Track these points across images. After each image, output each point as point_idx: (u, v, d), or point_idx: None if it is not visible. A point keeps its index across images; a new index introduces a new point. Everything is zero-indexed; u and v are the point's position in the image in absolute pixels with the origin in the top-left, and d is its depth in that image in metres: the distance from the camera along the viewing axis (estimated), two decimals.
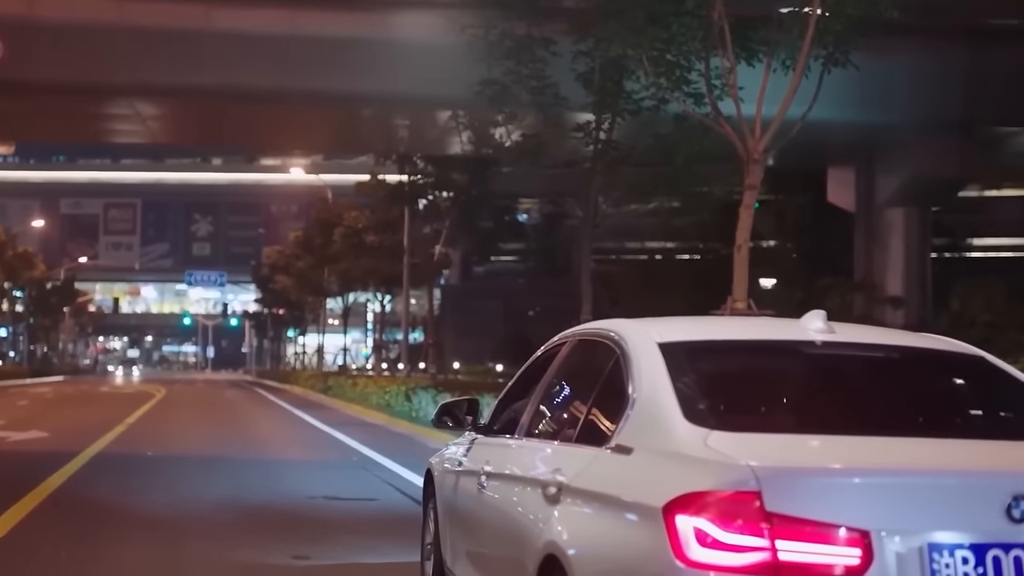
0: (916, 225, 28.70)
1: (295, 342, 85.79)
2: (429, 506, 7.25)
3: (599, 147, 19.25)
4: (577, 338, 5.45)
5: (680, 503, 3.67)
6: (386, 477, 15.06)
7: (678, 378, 4.28)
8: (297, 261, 58.34)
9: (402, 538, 9.78)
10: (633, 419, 4.30)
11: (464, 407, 6.54)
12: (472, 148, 25.39)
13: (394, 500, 12.79)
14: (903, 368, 4.66)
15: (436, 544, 6.90)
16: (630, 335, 4.73)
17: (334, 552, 9.24)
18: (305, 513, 11.48)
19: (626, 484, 4.06)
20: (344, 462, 17.31)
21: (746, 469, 3.62)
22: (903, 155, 27.30)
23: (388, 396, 29.32)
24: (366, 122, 29.16)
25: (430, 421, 23.35)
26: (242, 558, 8.87)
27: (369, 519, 11.32)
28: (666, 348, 4.50)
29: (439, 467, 7.02)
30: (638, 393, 4.36)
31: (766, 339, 4.73)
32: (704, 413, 4.08)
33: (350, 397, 35.54)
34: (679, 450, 3.93)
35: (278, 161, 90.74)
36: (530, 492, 4.86)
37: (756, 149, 13.63)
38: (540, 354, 6.03)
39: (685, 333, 4.77)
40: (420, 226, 37.83)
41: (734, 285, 13.60)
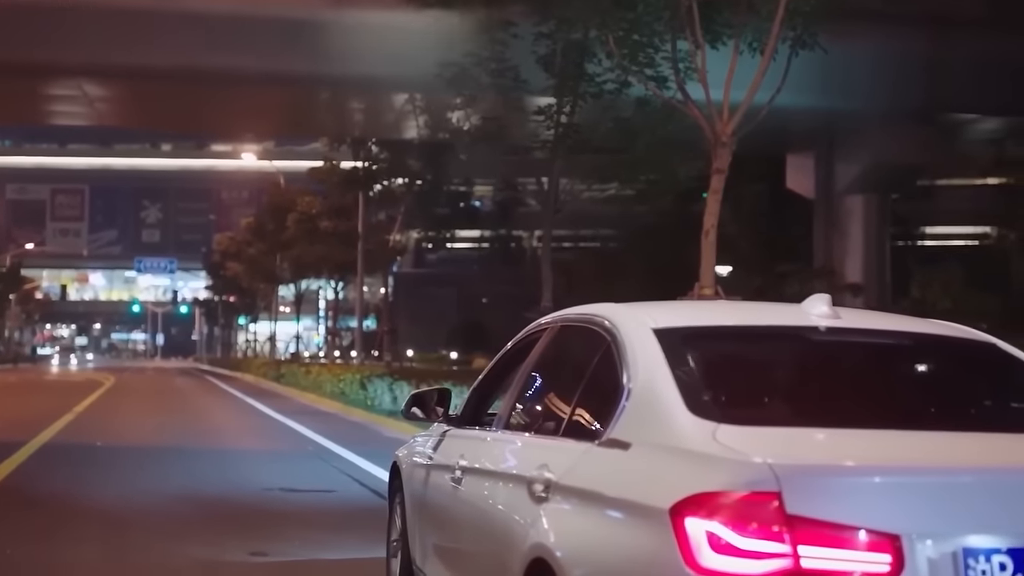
0: (875, 212, 28.61)
1: (246, 330, 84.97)
2: (396, 501, 6.89)
3: (560, 131, 18.91)
4: (560, 324, 5.10)
5: (690, 504, 3.33)
6: (343, 467, 14.70)
7: (677, 367, 3.95)
8: (249, 248, 57.64)
9: (363, 532, 9.44)
10: (629, 411, 3.96)
11: (434, 397, 6.18)
12: (429, 132, 24.98)
13: (352, 491, 12.42)
14: (914, 355, 4.35)
15: (404, 541, 6.55)
16: (622, 320, 4.39)
17: (293, 547, 8.87)
18: (261, 506, 11.08)
19: (625, 482, 3.72)
20: (300, 452, 16.91)
21: (763, 467, 3.29)
22: (863, 142, 27.16)
23: (342, 384, 28.98)
24: (321, 105, 28.64)
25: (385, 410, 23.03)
26: (197, 555, 8.48)
27: (328, 512, 10.94)
28: (662, 334, 4.16)
29: (407, 460, 6.66)
30: (634, 383, 4.02)
31: (768, 325, 4.40)
32: (709, 405, 3.75)
33: (303, 385, 35.12)
34: (684, 445, 3.59)
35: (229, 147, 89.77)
36: (513, 489, 4.52)
37: (724, 132, 13.35)
38: (518, 341, 5.68)
39: (680, 318, 4.44)
40: (375, 212, 37.34)
41: (701, 271, 13.32)
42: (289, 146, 78.14)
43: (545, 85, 18.90)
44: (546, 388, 5.05)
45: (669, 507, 3.38)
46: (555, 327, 5.14)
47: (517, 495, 4.44)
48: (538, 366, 5.11)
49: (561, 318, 5.15)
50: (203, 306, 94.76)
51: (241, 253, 60.29)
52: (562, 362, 5.05)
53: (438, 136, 25.21)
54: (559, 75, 18.73)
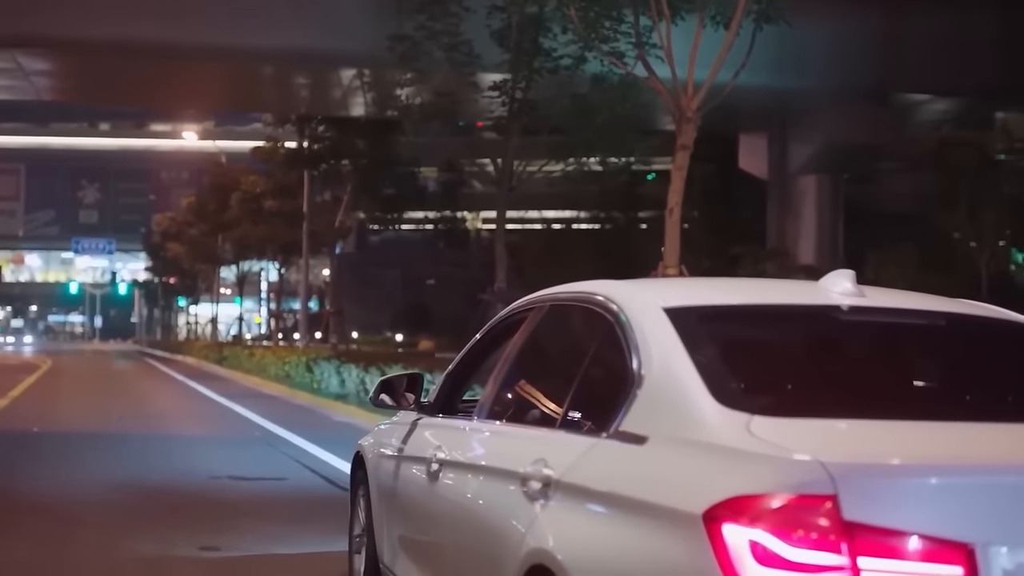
0: (829, 193, 28.40)
1: (187, 312, 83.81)
2: (359, 493, 6.43)
3: (515, 107, 18.41)
4: (550, 303, 4.64)
5: (729, 508, 2.90)
6: (293, 454, 14.19)
7: (695, 350, 3.51)
8: (190, 228, 56.60)
9: (319, 523, 8.98)
10: (643, 401, 3.52)
11: (404, 383, 5.71)
12: (377, 110, 24.38)
13: (304, 479, 11.94)
14: (952, 338, 3.93)
15: (369, 537, 6.09)
16: (627, 299, 3.94)
17: (246, 541, 8.36)
18: (210, 496, 10.56)
19: (644, 482, 3.28)
20: (247, 437, 16.37)
21: (815, 465, 2.86)
22: (817, 122, 26.92)
23: (288, 367, 28.39)
24: (264, 80, 27.90)
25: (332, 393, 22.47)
26: (144, 550, 7.95)
27: (280, 502, 10.45)
28: (674, 314, 3.71)
29: (372, 450, 6.19)
30: (647, 369, 3.57)
31: (791, 304, 3.97)
32: (737, 393, 3.31)
33: (247, 368, 34.49)
34: (714, 440, 3.15)
35: (168, 127, 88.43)
36: (503, 486, 4.06)
37: (689, 107, 12.95)
38: (497, 323, 5.22)
39: (691, 297, 3.99)
40: (321, 192, 36.62)
41: (666, 250, 12.94)
42: (230, 126, 77.05)
43: (500, 60, 18.40)
44: (537, 374, 4.61)
45: (703, 512, 2.94)
46: (542, 307, 4.69)
47: (508, 493, 3.99)
48: (526, 350, 4.65)
49: (550, 297, 4.69)
50: (143, 288, 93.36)
51: (182, 234, 59.24)
52: (554, 346, 4.60)
53: (386, 114, 24.54)
54: (514, 50, 18.23)
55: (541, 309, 4.69)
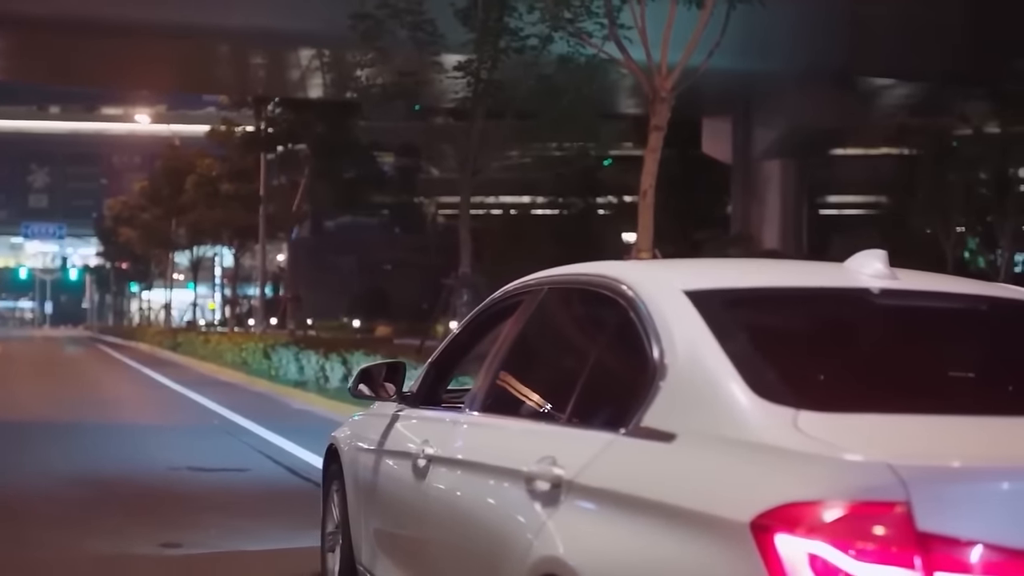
0: (793, 178, 28.23)
1: (139, 297, 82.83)
2: (333, 488, 6.05)
3: (480, 88, 17.99)
4: (548, 287, 4.27)
5: (783, 517, 2.56)
6: (254, 443, 13.76)
7: (725, 338, 3.16)
8: (143, 213, 55.77)
9: (285, 517, 8.61)
10: (667, 394, 3.17)
11: (383, 372, 5.34)
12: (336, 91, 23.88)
13: (267, 470, 11.52)
14: (997, 324, 3.61)
15: (345, 536, 5.71)
16: (643, 282, 3.59)
17: (209, 537, 7.95)
18: (169, 488, 10.13)
19: (674, 484, 2.93)
20: (205, 426, 15.92)
21: (882, 468, 2.52)
22: (782, 106, 26.73)
23: (244, 353, 27.91)
24: (222, 59, 27.32)
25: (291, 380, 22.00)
26: (101, 548, 7.52)
27: (243, 494, 10.04)
28: (697, 298, 3.36)
29: (348, 443, 5.81)
30: (671, 359, 3.22)
31: (822, 287, 3.62)
32: (778, 385, 2.96)
33: (202, 354, 33.97)
34: (757, 438, 2.81)
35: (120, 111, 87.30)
36: (504, 486, 3.70)
37: (663, 87, 12.61)
38: (486, 309, 4.85)
39: (713, 279, 3.64)
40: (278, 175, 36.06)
41: (638, 234, 12.62)
42: (183, 110, 76.14)
43: (464, 40, 17.98)
44: (537, 364, 4.25)
45: (751, 520, 2.60)
46: (538, 291, 4.32)
47: (510, 493, 3.63)
48: (523, 338, 4.29)
49: (548, 280, 4.32)
50: (94, 273, 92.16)
51: (135, 218, 58.39)
52: (556, 333, 4.24)
53: (346, 95, 24.04)
54: (479, 29, 17.81)
55: (537, 293, 4.32)
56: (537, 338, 4.29)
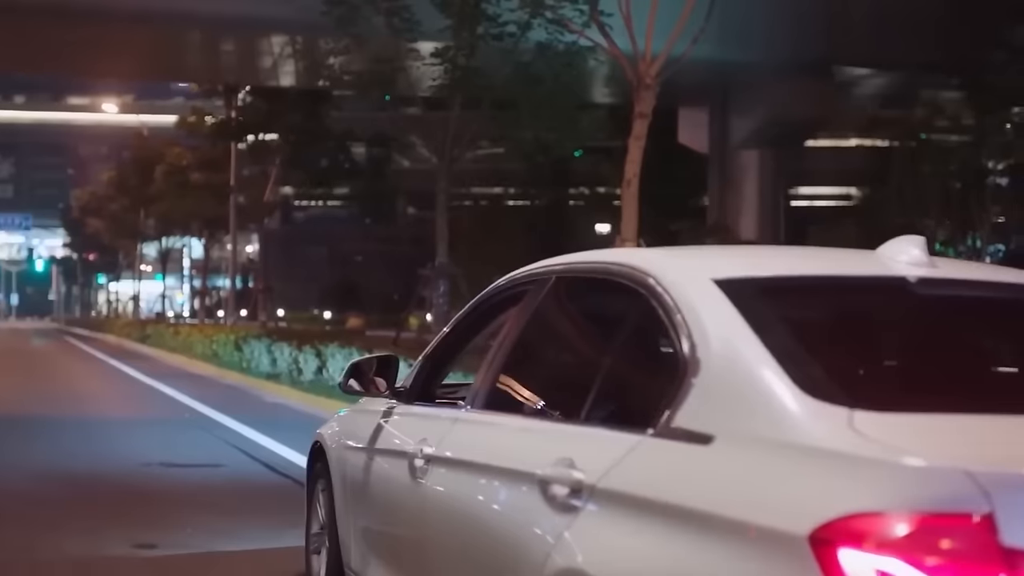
0: (770, 168, 28.04)
1: (107, 289, 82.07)
2: (318, 488, 5.77)
3: (458, 75, 17.66)
4: (558, 275, 3.99)
5: (847, 530, 2.29)
6: (228, 437, 13.45)
7: (763, 330, 2.90)
8: (111, 203, 55.12)
9: (263, 515, 8.32)
10: (701, 391, 2.90)
11: (373, 366, 5.06)
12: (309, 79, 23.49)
13: (243, 466, 11.21)
14: None
15: (332, 538, 5.44)
16: (668, 271, 3.31)
17: (185, 537, 7.64)
18: (141, 485, 9.81)
19: (715, 491, 2.67)
20: (176, 420, 15.57)
21: (960, 476, 2.26)
22: (759, 95, 26.52)
23: (215, 345, 27.54)
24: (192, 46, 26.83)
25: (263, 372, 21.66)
26: (72, 549, 7.20)
27: (219, 491, 9.72)
28: (729, 287, 3.10)
29: (335, 441, 5.53)
30: (704, 353, 2.95)
31: (860, 275, 3.35)
32: (827, 382, 2.70)
33: (172, 346, 33.56)
34: (809, 440, 2.55)
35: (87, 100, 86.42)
36: (516, 491, 3.43)
37: (648, 73, 12.35)
38: (490, 297, 4.56)
39: (742, 267, 3.37)
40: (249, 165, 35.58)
41: (623, 223, 12.38)
42: (151, 100, 75.42)
43: (442, 26, 17.65)
44: (547, 359, 3.98)
45: (810, 532, 2.34)
46: (545, 280, 4.03)
47: (522, 498, 3.36)
48: (530, 331, 4.01)
49: (556, 269, 4.04)
50: (61, 264, 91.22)
51: (103, 209, 57.72)
52: (569, 326, 3.97)
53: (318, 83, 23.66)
54: (456, 15, 17.49)
55: (544, 283, 4.04)
56: (546, 331, 4.02)
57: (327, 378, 18.57)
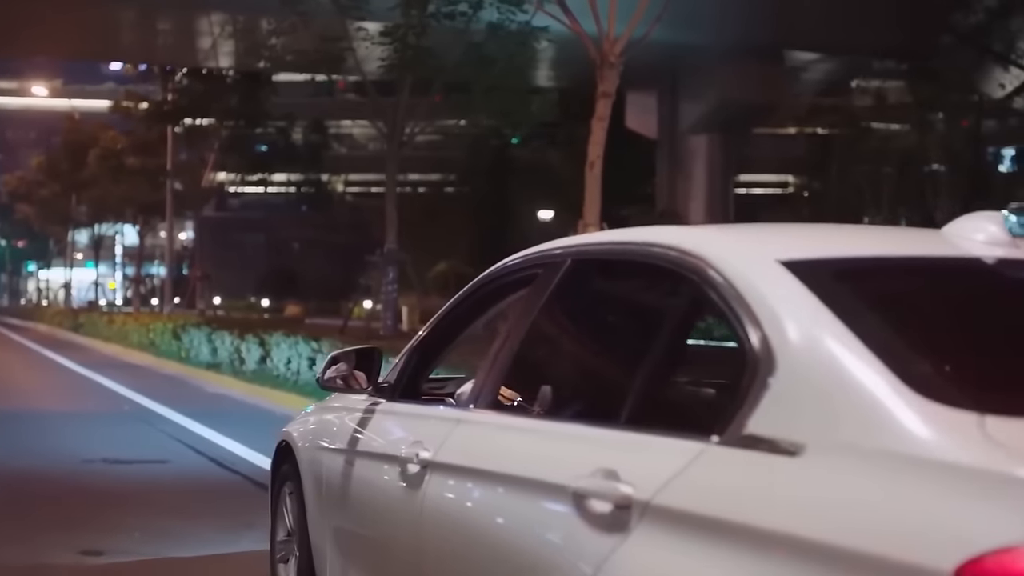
0: (719, 153, 27.76)
1: (37, 276, 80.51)
2: (285, 491, 5.28)
3: (409, 55, 17.11)
4: (575, 257, 3.52)
5: (1003, 567, 1.87)
6: (171, 431, 12.90)
7: (852, 319, 2.47)
8: (41, 188, 53.84)
9: (216, 516, 7.85)
10: (781, 392, 2.46)
11: (352, 359, 4.60)
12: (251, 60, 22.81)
13: (189, 462, 10.69)
14: None
15: (302, 547, 4.95)
16: (723, 251, 2.86)
17: (134, 542, 7.12)
18: (84, 485, 9.24)
19: (814, 513, 2.22)
20: (116, 413, 14.97)
21: None
22: (710, 79, 26.21)
23: (152, 334, 26.87)
24: (127, 24, 25.94)
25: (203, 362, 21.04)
26: (10, 557, 6.65)
27: (167, 489, 9.20)
28: (800, 271, 2.66)
29: (306, 440, 5.04)
30: (782, 347, 2.51)
31: (945, 256, 2.92)
32: (943, 382, 2.28)
33: (106, 335, 32.79)
34: (935, 453, 2.12)
35: (15, 84, 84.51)
36: (544, 506, 2.97)
37: (612, 52, 11.93)
38: (488, 282, 4.09)
39: (809, 247, 2.92)
40: (187, 150, 34.74)
41: (585, 207, 11.97)
42: (81, 84, 73.87)
43: (391, 4, 17.09)
44: (570, 353, 3.52)
45: (956, 569, 1.91)
46: (558, 263, 3.55)
47: (552, 515, 2.90)
48: (545, 320, 3.54)
49: (573, 250, 3.57)
50: None
51: (32, 194, 56.39)
52: (595, 314, 3.51)
53: (259, 65, 22.97)
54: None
55: (556, 266, 3.56)
56: (565, 321, 3.55)
57: (271, 368, 18.07)
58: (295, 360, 17.10)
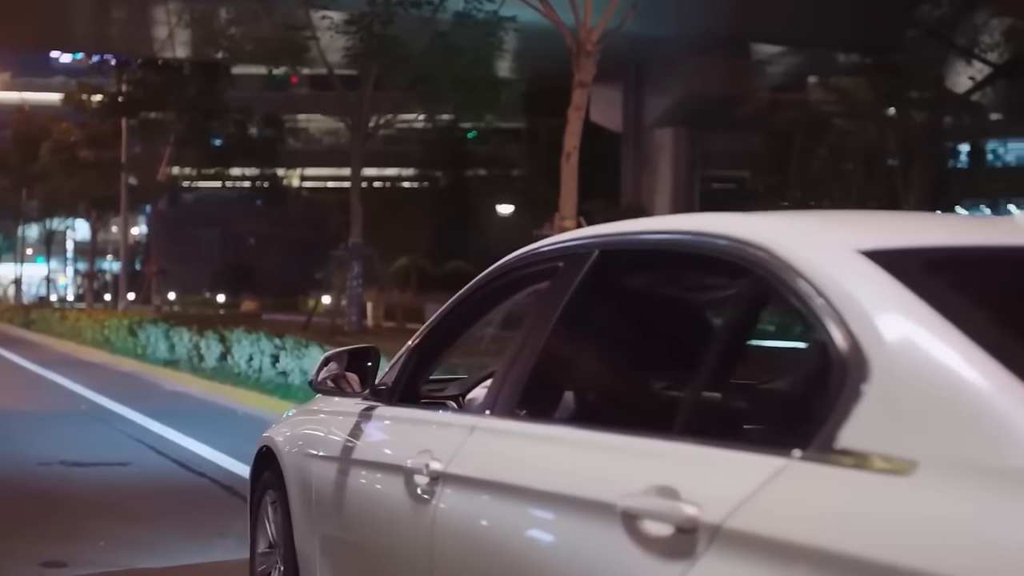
0: (686, 146, 27.54)
1: None
2: (267, 500, 4.92)
3: (374, 44, 16.70)
4: (604, 248, 3.18)
5: None
6: (131, 431, 12.47)
7: (957, 317, 2.15)
8: None
9: (184, 522, 7.47)
10: (879, 400, 2.14)
11: (345, 360, 4.26)
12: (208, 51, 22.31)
13: (152, 464, 10.28)
14: None
15: (288, 560, 4.60)
16: (793, 241, 2.54)
17: (98, 551, 6.72)
18: (42, 489, 8.82)
19: (944, 541, 1.90)
20: (73, 413, 14.48)
21: None
22: (675, 72, 25.98)
23: (107, 331, 26.35)
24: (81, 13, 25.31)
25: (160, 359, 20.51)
26: None
27: (130, 493, 8.80)
28: (888, 262, 2.35)
29: (291, 447, 4.67)
30: (876, 348, 2.18)
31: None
32: None
33: (59, 332, 32.14)
34: None
35: None
36: (589, 529, 2.62)
37: (589, 40, 11.63)
38: (499, 276, 3.74)
39: (888, 236, 2.61)
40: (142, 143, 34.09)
41: (561, 199, 11.65)
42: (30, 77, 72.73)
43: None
44: (606, 354, 3.18)
45: None
46: (583, 255, 3.21)
47: (596, 537, 2.56)
48: (571, 318, 3.19)
49: (601, 241, 3.23)
50: None
51: None
52: (632, 312, 3.18)
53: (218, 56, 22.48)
54: None
55: (581, 259, 3.21)
56: (596, 319, 3.21)
57: (232, 365, 17.67)
58: (257, 357, 16.70)
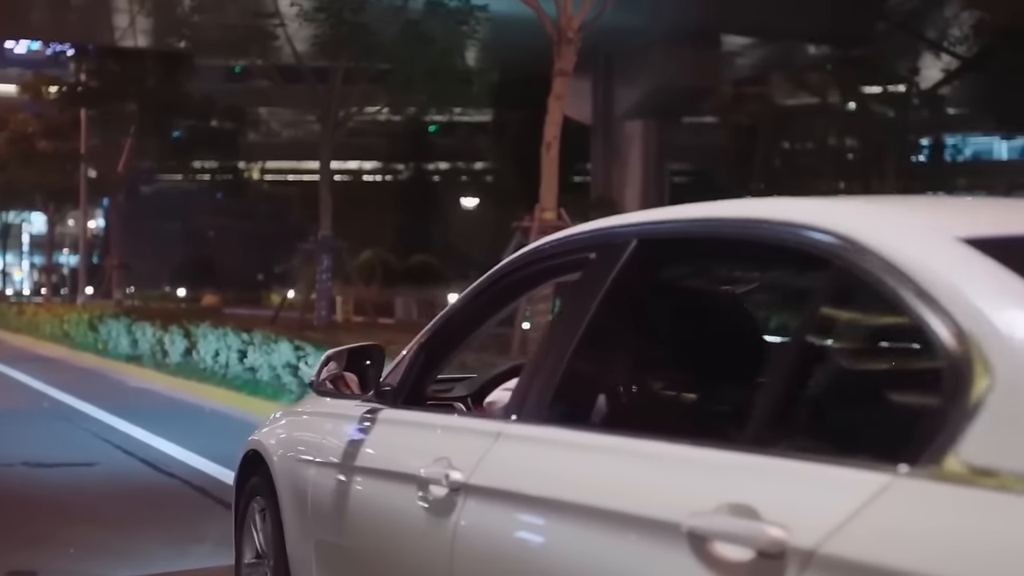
0: (656, 139, 27.34)
1: None
2: (254, 507, 4.62)
3: (345, 31, 16.34)
4: (643, 238, 2.89)
5: None
6: (96, 429, 12.11)
7: None
8: None
9: (158, 527, 7.16)
10: (1005, 411, 1.88)
11: (344, 359, 3.98)
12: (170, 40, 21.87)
13: (119, 464, 9.93)
14: None
15: (278, 572, 4.30)
16: (879, 229, 2.27)
17: (69, 559, 6.39)
18: (5, 491, 8.47)
19: None
20: (34, 410, 14.08)
21: None
22: (645, 64, 25.76)
23: (67, 326, 25.84)
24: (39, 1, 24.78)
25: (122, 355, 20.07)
26: None
27: (98, 495, 8.46)
28: (996, 252, 2.09)
29: (283, 450, 4.37)
30: (998, 352, 1.92)
31: None
32: None
33: (16, 327, 31.55)
34: None
35: None
36: (649, 550, 2.34)
37: (570, 27, 11.36)
38: (516, 269, 3.45)
39: (987, 223, 2.34)
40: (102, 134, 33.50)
41: (542, 191, 11.39)
42: None
43: None
44: (655, 355, 2.89)
45: None
46: (622, 245, 2.91)
47: (657, 560, 2.29)
48: (610, 314, 2.91)
49: (638, 230, 2.94)
50: None
51: None
52: (682, 307, 2.90)
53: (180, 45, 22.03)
54: None
55: (617, 249, 2.91)
56: (638, 316, 2.93)
57: (197, 360, 17.29)
58: (224, 352, 16.33)
